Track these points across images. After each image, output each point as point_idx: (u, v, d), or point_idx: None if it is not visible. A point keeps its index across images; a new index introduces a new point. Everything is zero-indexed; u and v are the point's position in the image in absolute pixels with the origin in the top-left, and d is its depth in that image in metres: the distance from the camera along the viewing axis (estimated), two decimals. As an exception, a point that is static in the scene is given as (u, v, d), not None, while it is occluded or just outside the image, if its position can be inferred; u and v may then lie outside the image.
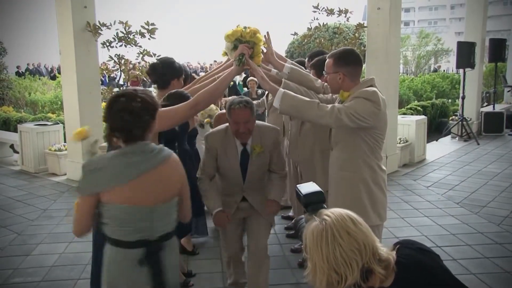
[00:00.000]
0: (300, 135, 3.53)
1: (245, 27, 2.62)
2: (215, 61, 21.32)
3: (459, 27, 31.68)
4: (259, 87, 7.51)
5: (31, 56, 25.64)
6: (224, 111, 3.78)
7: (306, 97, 2.62)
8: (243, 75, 10.24)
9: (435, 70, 19.82)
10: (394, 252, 1.46)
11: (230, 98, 3.29)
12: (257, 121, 2.90)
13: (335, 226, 1.38)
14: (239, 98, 2.83)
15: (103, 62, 6.22)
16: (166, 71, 3.19)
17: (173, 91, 2.83)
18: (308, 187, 1.63)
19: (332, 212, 1.43)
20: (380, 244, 1.43)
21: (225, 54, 2.94)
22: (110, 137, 1.82)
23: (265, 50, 2.84)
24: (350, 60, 2.61)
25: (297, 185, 1.66)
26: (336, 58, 2.61)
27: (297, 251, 3.94)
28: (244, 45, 2.58)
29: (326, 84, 2.91)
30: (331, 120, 2.46)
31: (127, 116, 1.77)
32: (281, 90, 2.55)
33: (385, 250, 1.45)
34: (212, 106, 4.31)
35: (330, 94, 2.88)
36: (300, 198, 1.62)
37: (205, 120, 4.35)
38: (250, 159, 2.86)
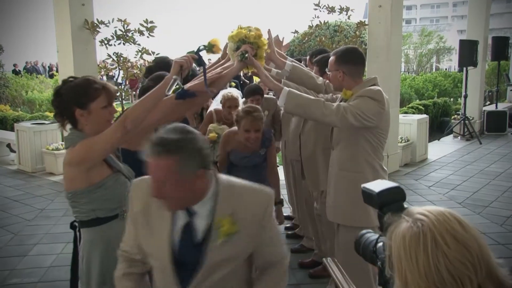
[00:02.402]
0: (302, 133, 3.48)
1: (249, 30, 2.55)
2: (209, 59, 21.19)
3: (462, 25, 31.57)
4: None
5: (28, 54, 25.63)
6: (234, 128, 3.14)
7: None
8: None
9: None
10: None
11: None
12: (229, 178, 1.57)
13: (436, 229, 0.99)
14: (163, 131, 1.42)
15: (102, 60, 6.17)
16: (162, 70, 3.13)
17: (158, 73, 2.58)
18: (380, 184, 1.26)
19: (428, 211, 1.04)
20: (496, 260, 1.02)
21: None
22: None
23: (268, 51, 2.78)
24: (352, 59, 2.59)
25: (363, 185, 1.29)
26: (338, 56, 2.60)
27: (297, 251, 3.90)
28: (247, 44, 2.51)
29: (327, 81, 2.87)
30: (337, 118, 2.43)
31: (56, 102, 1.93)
32: (286, 88, 2.51)
33: (504, 271, 1.02)
34: (224, 126, 3.65)
35: (331, 94, 2.85)
36: (372, 198, 1.23)
37: (209, 135, 3.48)
38: (209, 245, 1.47)
